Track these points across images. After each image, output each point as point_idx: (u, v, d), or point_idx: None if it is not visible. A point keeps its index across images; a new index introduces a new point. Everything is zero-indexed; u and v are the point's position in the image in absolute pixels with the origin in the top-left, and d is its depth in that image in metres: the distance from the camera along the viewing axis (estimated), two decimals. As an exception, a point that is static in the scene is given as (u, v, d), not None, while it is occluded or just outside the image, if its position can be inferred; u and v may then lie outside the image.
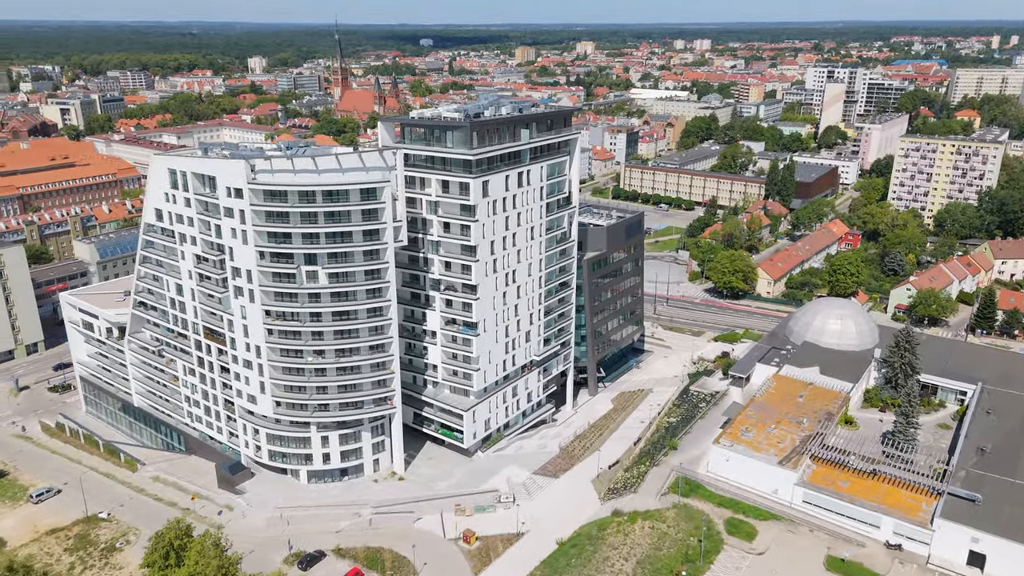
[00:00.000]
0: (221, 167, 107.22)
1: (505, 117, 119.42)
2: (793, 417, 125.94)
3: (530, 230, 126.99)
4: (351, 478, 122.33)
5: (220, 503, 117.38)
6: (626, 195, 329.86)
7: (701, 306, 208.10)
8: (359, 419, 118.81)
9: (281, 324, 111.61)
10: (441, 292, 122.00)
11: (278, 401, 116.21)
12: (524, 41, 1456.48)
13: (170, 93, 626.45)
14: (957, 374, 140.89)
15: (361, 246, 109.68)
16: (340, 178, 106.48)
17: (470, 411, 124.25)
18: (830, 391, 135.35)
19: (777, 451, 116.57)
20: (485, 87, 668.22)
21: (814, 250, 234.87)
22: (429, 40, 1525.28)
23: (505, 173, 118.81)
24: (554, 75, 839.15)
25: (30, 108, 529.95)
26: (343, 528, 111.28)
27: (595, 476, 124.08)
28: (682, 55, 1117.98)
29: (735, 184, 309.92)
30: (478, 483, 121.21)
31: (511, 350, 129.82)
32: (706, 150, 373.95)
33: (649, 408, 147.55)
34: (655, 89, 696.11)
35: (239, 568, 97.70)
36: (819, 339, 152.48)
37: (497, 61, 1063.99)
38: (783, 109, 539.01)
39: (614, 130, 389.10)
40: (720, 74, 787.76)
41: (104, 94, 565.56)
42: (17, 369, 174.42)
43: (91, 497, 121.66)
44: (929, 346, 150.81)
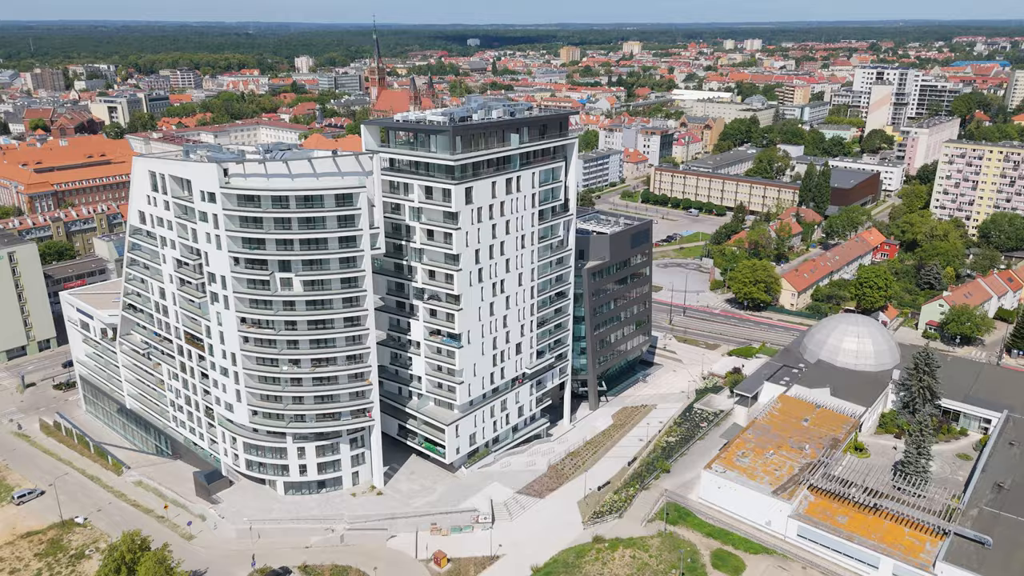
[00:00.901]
0: (195, 170, 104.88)
1: (492, 121, 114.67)
2: (795, 442, 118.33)
3: (520, 238, 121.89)
4: (329, 491, 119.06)
5: (194, 512, 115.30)
6: (655, 199, 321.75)
7: (720, 317, 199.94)
8: (336, 431, 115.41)
9: (256, 332, 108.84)
10: (425, 301, 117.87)
11: (254, 410, 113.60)
12: (572, 41, 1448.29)
13: (215, 92, 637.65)
14: (982, 400, 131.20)
15: (337, 253, 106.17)
16: (314, 183, 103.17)
17: (452, 425, 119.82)
18: (839, 415, 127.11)
19: (772, 479, 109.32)
20: (525, 87, 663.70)
21: (845, 260, 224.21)
22: (476, 40, 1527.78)
23: (491, 179, 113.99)
24: (597, 75, 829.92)
25: (80, 106, 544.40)
26: (313, 544, 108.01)
27: (582, 497, 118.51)
28: (731, 55, 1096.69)
29: (768, 189, 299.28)
30: (458, 501, 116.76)
31: (500, 362, 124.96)
32: (742, 153, 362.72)
33: (650, 425, 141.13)
34: (698, 90, 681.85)
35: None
36: (834, 358, 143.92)
37: (541, 61, 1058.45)
38: (829, 112, 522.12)
39: (648, 132, 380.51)
40: (767, 75, 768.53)
41: (150, 92, 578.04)
42: (28, 365, 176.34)
43: (73, 500, 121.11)
44: (954, 368, 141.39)
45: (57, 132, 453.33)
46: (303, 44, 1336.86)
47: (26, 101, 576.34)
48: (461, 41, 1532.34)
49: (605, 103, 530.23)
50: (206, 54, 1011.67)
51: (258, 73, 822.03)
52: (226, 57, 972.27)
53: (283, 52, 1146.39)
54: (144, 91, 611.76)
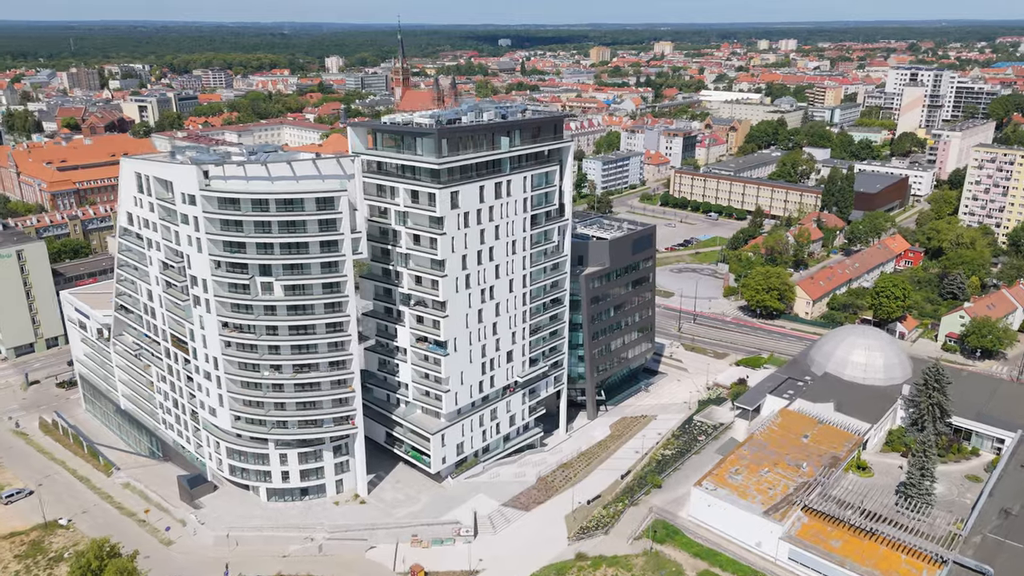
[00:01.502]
0: (176, 172, 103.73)
1: (480, 124, 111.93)
2: (792, 460, 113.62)
3: (511, 243, 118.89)
4: (312, 498, 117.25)
5: (176, 517, 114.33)
6: (675, 202, 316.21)
7: (731, 325, 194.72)
8: (319, 438, 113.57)
9: (238, 336, 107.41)
10: (411, 307, 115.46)
11: (237, 415, 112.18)
12: (603, 41, 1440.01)
13: (244, 92, 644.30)
14: (996, 418, 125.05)
15: (318, 258, 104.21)
16: (294, 186, 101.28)
17: (438, 434, 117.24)
18: (842, 432, 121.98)
19: (765, 499, 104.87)
20: (552, 88, 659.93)
21: (865, 268, 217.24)
22: (507, 40, 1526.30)
23: (479, 183, 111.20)
24: (626, 76, 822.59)
25: (112, 105, 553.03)
26: (291, 553, 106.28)
27: (570, 512, 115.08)
28: (764, 56, 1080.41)
29: (790, 193, 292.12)
30: (443, 512, 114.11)
31: (489, 370, 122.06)
32: (766, 156, 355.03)
33: (648, 438, 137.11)
34: (728, 91, 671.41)
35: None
36: (841, 371, 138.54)
37: (571, 62, 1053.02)
38: (861, 114, 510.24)
39: (670, 133, 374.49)
40: (799, 76, 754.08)
41: (180, 92, 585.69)
42: (35, 362, 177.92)
43: (59, 501, 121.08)
44: (969, 383, 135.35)
45: (87, 131, 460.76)
46: (335, 44, 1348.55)
47: (60, 100, 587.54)
48: (492, 41, 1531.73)
49: (630, 104, 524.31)
50: (239, 54, 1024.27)
51: (288, 73, 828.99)
52: (258, 57, 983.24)
53: (315, 52, 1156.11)
54: (175, 91, 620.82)
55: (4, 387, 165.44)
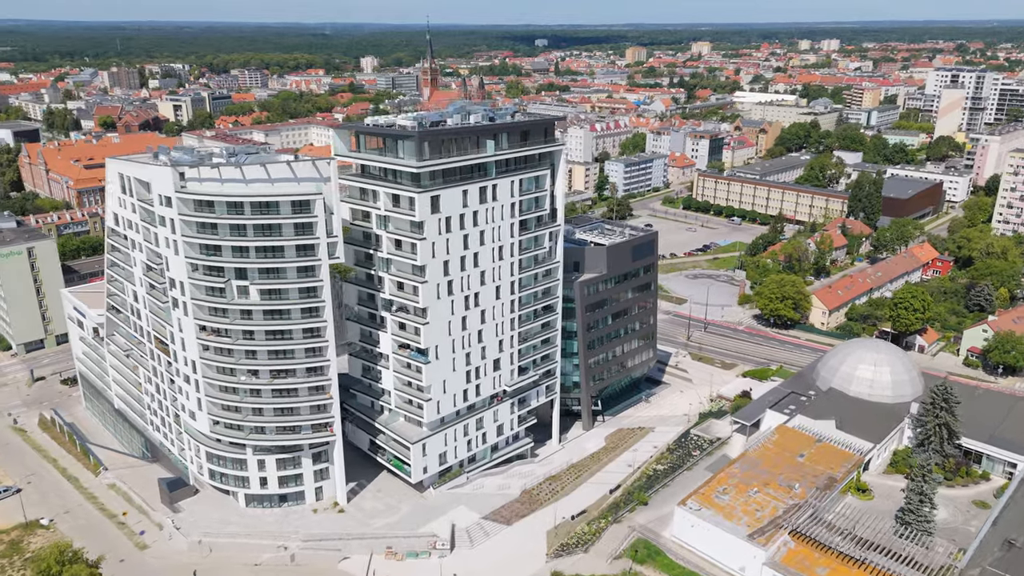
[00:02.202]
0: (154, 173, 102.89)
1: (463, 127, 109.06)
2: (785, 480, 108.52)
3: (498, 249, 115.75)
4: (291, 505, 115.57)
5: (154, 520, 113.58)
6: (697, 206, 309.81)
7: (743, 334, 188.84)
8: (297, 444, 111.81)
9: (215, 340, 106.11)
10: (393, 313, 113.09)
11: (215, 419, 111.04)
12: (641, 41, 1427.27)
13: (277, 91, 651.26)
14: (1009, 441, 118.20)
15: (294, 262, 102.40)
16: (269, 189, 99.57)
17: (419, 443, 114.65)
18: (842, 451, 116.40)
19: (751, 521, 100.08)
20: (582, 88, 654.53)
21: (888, 277, 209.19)
22: (544, 40, 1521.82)
23: (463, 187, 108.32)
24: (660, 76, 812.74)
25: (148, 104, 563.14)
26: (263, 561, 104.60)
27: (553, 527, 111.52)
28: (804, 56, 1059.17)
29: (815, 198, 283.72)
30: (421, 523, 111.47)
31: (475, 379, 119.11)
32: (794, 160, 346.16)
33: (640, 451, 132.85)
34: (763, 92, 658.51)
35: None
36: (846, 387, 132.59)
37: (606, 62, 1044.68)
38: (900, 116, 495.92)
39: (696, 135, 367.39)
40: (839, 77, 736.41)
41: (214, 92, 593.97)
42: (44, 359, 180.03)
43: (45, 500, 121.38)
44: (983, 402, 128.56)
45: (122, 129, 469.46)
46: (373, 44, 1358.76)
47: (99, 99, 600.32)
48: (529, 42, 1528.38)
49: (660, 105, 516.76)
50: (278, 54, 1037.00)
51: (323, 73, 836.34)
52: (295, 57, 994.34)
53: (353, 52, 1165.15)
54: (211, 90, 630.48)
55: (11, 382, 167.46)
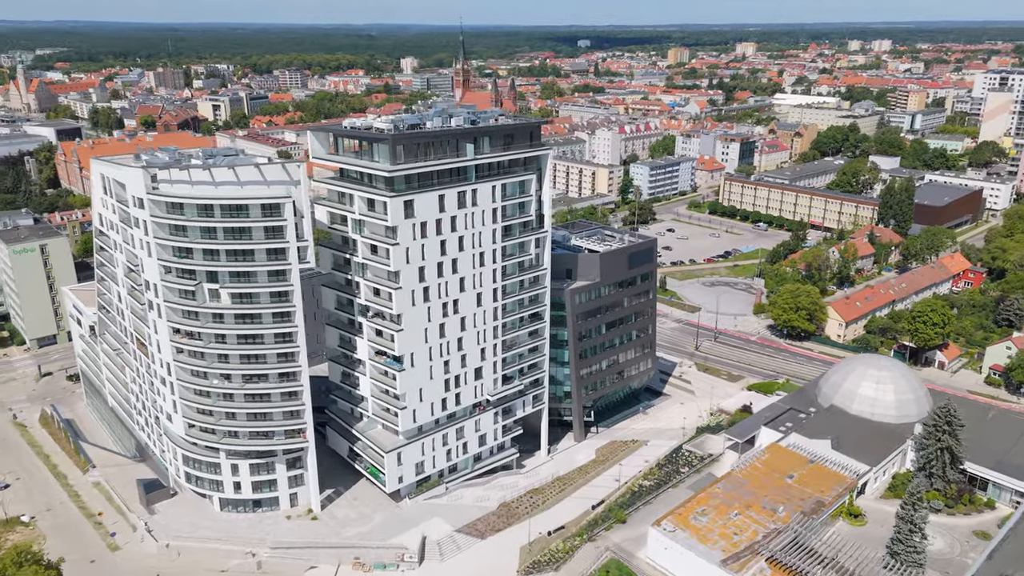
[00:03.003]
0: (128, 175, 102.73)
1: (441, 130, 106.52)
2: (770, 502, 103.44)
3: (479, 256, 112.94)
4: (265, 510, 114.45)
5: (130, 522, 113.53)
6: (723, 210, 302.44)
7: (754, 345, 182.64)
8: (271, 450, 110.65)
9: (188, 343, 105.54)
10: (369, 319, 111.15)
11: (190, 423, 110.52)
12: (686, 42, 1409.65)
13: (315, 91, 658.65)
14: (1018, 467, 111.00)
15: (264, 266, 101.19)
16: (238, 191, 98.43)
17: (394, 452, 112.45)
18: (835, 473, 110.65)
19: (728, 545, 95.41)
20: (618, 90, 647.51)
21: (914, 288, 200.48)
22: (587, 41, 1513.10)
23: (440, 192, 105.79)
24: (700, 78, 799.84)
25: (188, 104, 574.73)
26: (230, 568, 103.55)
27: (527, 543, 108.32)
28: (852, 57, 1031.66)
29: (845, 205, 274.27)
30: (393, 534, 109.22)
31: (454, 387, 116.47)
32: (827, 164, 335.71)
33: (633, 465, 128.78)
34: (806, 95, 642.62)
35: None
36: (848, 404, 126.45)
37: (647, 63, 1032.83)
38: (946, 120, 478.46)
39: (727, 139, 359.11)
40: (885, 78, 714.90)
41: (253, 92, 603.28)
42: (54, 354, 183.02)
43: (30, 497, 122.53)
44: (995, 425, 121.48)
45: (161, 128, 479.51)
46: (417, 45, 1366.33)
47: (143, 98, 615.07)
48: (572, 42, 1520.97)
49: (694, 107, 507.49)
50: (320, 55, 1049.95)
51: (363, 74, 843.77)
52: (337, 58, 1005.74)
53: (396, 53, 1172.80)
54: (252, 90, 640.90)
55: (20, 377, 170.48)
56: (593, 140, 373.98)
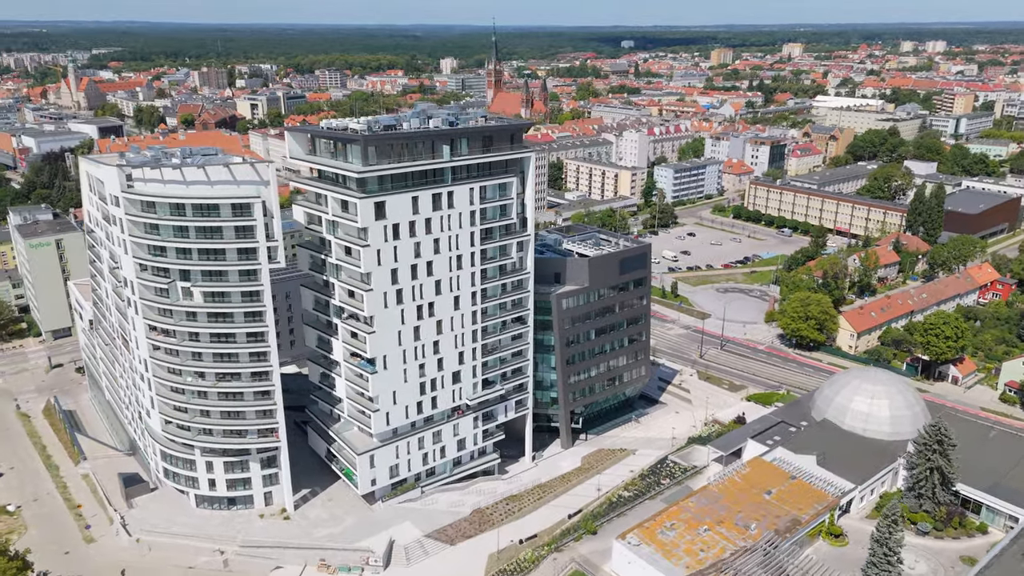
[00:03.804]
0: (105, 173, 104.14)
1: (415, 131, 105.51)
2: (743, 519, 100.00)
3: (456, 258, 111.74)
4: (239, 508, 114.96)
5: (108, 515, 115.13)
6: (748, 215, 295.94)
7: (762, 354, 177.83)
8: (244, 448, 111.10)
9: (163, 340, 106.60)
10: (343, 321, 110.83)
11: (167, 419, 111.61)
12: (732, 43, 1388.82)
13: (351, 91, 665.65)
14: (1015, 491, 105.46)
15: (235, 265, 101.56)
16: (208, 191, 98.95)
17: (366, 454, 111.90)
18: (817, 490, 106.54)
19: (692, 562, 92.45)
20: (654, 91, 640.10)
21: (936, 299, 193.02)
22: (630, 42, 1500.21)
23: (413, 193, 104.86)
24: (741, 79, 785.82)
25: (228, 102, 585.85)
26: (197, 565, 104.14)
27: (497, 550, 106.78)
28: (903, 58, 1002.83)
29: (872, 211, 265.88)
30: (362, 536, 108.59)
31: (430, 391, 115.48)
32: (860, 169, 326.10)
33: (617, 474, 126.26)
34: (849, 97, 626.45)
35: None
36: (840, 419, 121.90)
37: (689, 64, 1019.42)
38: (994, 124, 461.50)
39: (756, 142, 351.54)
40: (934, 81, 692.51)
41: (290, 91, 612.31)
42: (68, 346, 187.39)
43: (21, 486, 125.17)
44: (996, 445, 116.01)
45: (199, 126, 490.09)
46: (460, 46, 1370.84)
47: (186, 97, 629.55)
48: (615, 43, 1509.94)
49: (729, 109, 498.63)
50: (362, 55, 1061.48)
51: (402, 74, 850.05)
52: (378, 58, 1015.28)
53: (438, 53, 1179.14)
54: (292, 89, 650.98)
55: (31, 368, 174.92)
56: (620, 142, 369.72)
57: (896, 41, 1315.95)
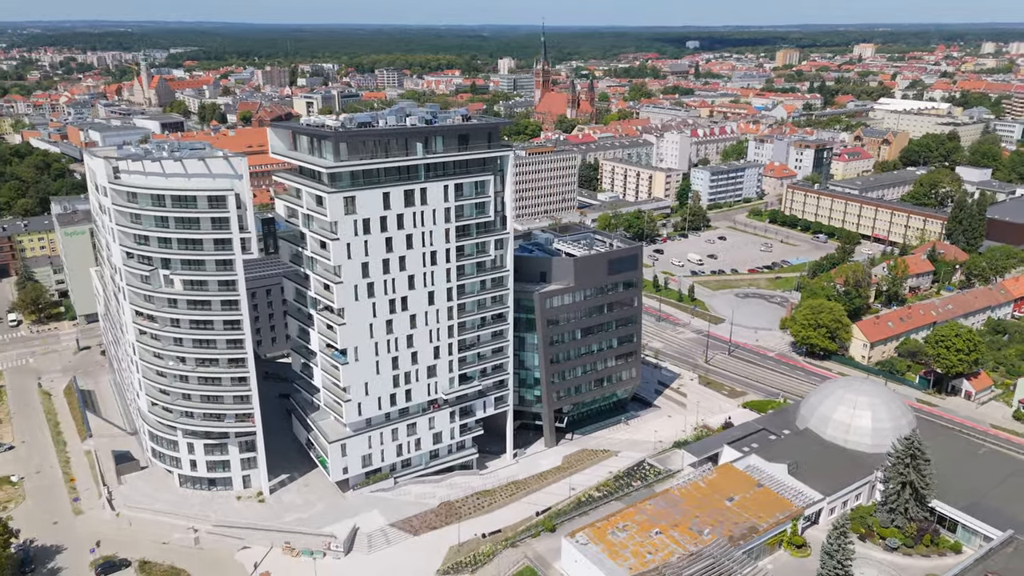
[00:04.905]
0: (96, 164, 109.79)
1: (388, 129, 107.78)
2: (698, 524, 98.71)
3: (430, 254, 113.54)
4: (219, 490, 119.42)
5: (99, 490, 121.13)
6: (784, 220, 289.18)
7: (770, 361, 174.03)
8: (223, 432, 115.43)
9: (148, 326, 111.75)
10: (318, 312, 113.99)
11: (152, 401, 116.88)
12: (802, 43, 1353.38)
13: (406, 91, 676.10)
14: (993, 510, 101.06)
15: (212, 255, 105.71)
16: (185, 183, 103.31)
17: (337, 443, 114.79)
18: (781, 499, 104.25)
19: (637, 564, 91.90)
20: (707, 92, 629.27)
21: (963, 311, 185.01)
22: (696, 42, 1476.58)
23: (384, 189, 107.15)
24: (803, 80, 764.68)
25: (285, 100, 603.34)
26: (170, 541, 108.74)
27: (459, 543, 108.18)
28: (981, 60, 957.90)
29: (912, 218, 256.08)
30: (329, 522, 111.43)
31: (404, 384, 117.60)
32: (907, 175, 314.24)
33: (595, 475, 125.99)
34: (917, 100, 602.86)
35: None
36: (823, 429, 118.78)
37: (753, 65, 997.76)
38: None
39: (801, 145, 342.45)
40: (1013, 84, 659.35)
41: (345, 90, 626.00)
42: (97, 330, 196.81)
43: (29, 458, 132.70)
44: (984, 463, 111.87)
45: (256, 123, 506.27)
46: (523, 46, 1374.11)
47: (248, 95, 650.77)
48: (680, 43, 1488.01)
49: (781, 111, 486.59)
50: (423, 55, 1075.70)
51: (458, 74, 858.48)
52: (438, 58, 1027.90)
53: (500, 53, 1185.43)
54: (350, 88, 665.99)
55: (62, 349, 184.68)
56: (661, 143, 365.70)
57: (978, 42, 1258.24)
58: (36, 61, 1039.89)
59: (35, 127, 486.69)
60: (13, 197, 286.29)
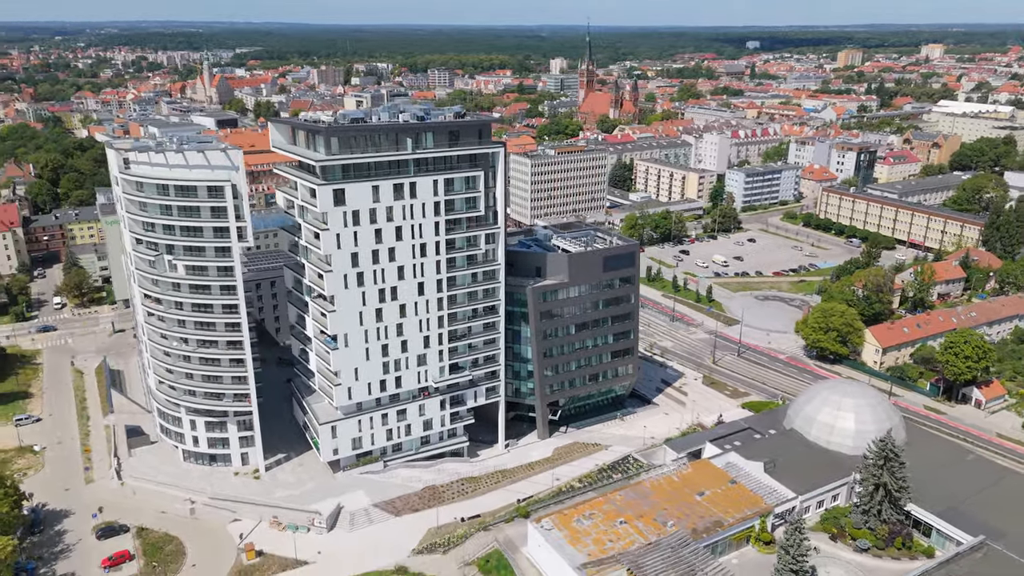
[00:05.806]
0: (111, 156, 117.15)
1: (380, 125, 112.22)
2: (664, 516, 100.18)
3: (420, 247, 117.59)
4: (219, 465, 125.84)
5: (110, 461, 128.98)
6: (818, 223, 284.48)
7: (779, 364, 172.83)
8: (223, 411, 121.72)
9: (154, 308, 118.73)
10: (312, 300, 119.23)
11: (159, 380, 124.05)
12: (868, 43, 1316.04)
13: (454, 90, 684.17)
14: (968, 516, 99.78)
15: (212, 242, 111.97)
16: (187, 174, 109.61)
17: (327, 425, 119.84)
18: (753, 496, 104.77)
19: (596, 551, 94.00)
20: (756, 93, 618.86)
21: (987, 319, 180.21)
22: (756, 42, 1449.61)
23: (374, 183, 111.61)
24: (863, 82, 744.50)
25: (336, 99, 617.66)
26: (168, 511, 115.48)
27: (437, 525, 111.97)
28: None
29: (949, 224, 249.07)
30: (316, 500, 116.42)
31: (394, 370, 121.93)
32: (952, 179, 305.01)
33: (581, 467, 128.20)
34: (981, 103, 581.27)
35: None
36: (807, 430, 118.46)
37: (813, 65, 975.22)
38: None
39: (843, 147, 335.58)
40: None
41: (394, 89, 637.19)
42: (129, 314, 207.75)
43: (53, 430, 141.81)
44: (969, 469, 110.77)
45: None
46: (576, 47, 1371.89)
47: (302, 93, 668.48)
48: (740, 43, 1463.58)
49: (830, 112, 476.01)
50: (475, 55, 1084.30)
51: (509, 74, 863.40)
52: (490, 58, 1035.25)
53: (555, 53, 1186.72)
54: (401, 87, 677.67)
55: (99, 331, 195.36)
56: (700, 144, 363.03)
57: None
58: (110, 60, 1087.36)
59: (101, 122, 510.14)
60: (71, 188, 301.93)
